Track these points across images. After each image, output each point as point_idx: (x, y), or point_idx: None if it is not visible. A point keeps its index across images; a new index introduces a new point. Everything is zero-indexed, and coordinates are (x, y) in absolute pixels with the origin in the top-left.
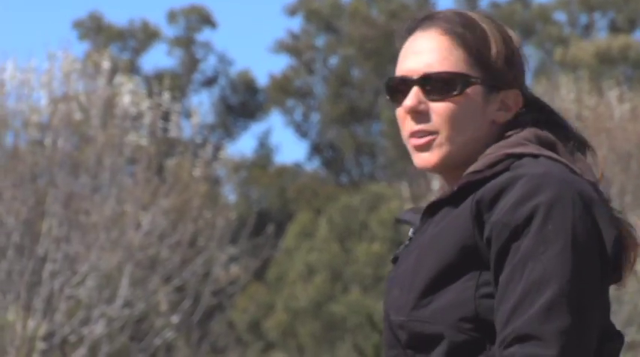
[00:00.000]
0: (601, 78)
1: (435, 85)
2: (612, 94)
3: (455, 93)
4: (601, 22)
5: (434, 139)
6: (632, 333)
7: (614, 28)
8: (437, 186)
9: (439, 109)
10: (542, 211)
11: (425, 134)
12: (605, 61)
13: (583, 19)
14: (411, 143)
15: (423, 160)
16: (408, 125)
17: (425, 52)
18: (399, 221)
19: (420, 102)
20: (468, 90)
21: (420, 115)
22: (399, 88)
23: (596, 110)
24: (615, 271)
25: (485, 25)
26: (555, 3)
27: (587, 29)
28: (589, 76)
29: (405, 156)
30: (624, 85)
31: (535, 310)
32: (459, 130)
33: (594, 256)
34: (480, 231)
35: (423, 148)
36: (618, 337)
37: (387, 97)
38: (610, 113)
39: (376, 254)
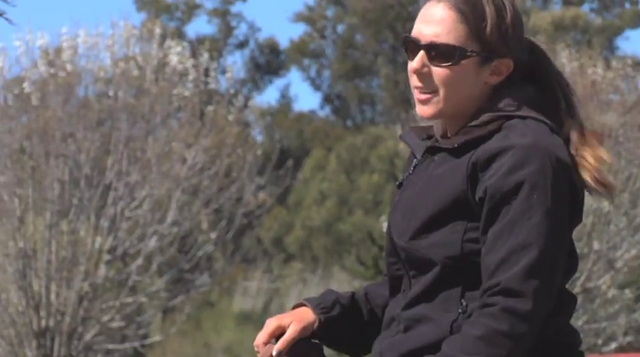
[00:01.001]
0: (556, 42)
1: (438, 53)
2: (564, 55)
3: (452, 62)
4: None
5: (433, 97)
6: None
7: (566, 2)
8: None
9: (439, 73)
10: (529, 182)
11: (425, 91)
12: (559, 28)
13: None
14: (415, 96)
15: (422, 110)
16: (413, 80)
17: (434, 23)
18: (401, 138)
19: (423, 65)
20: (464, 61)
21: (423, 75)
22: (410, 46)
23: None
24: (580, 218)
25: (487, 5)
26: None
27: (545, 2)
28: (546, 40)
29: (399, 104)
30: (573, 48)
31: (518, 269)
32: (453, 91)
33: (566, 218)
34: (472, 188)
35: (424, 102)
36: (575, 267)
37: (404, 50)
38: (562, 69)
39: (375, 183)
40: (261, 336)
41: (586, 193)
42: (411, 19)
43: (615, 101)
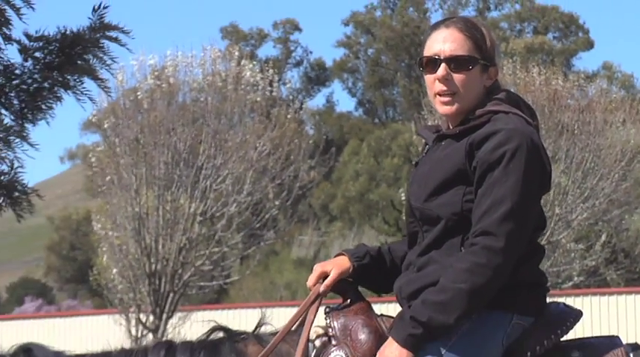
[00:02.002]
0: (528, 61)
1: (457, 63)
2: (535, 71)
3: (469, 68)
4: (528, 28)
5: (454, 97)
6: None
7: (535, 32)
8: (435, 121)
9: (459, 78)
10: (508, 155)
11: (448, 93)
12: (530, 51)
13: (517, 26)
14: (438, 99)
15: (446, 109)
16: (436, 87)
17: (449, 42)
18: (418, 133)
19: (447, 73)
20: (475, 68)
21: (446, 81)
22: (429, 62)
23: (524, 80)
24: (549, 188)
25: (482, 27)
26: (501, 16)
27: (520, 32)
28: (520, 60)
29: (412, 107)
30: (541, 66)
31: (495, 217)
32: (468, 91)
33: (536, 184)
34: (469, 161)
35: (447, 103)
36: (543, 225)
37: (420, 68)
38: (533, 81)
39: (396, 165)
40: (311, 278)
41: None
42: (422, 44)
43: (572, 104)
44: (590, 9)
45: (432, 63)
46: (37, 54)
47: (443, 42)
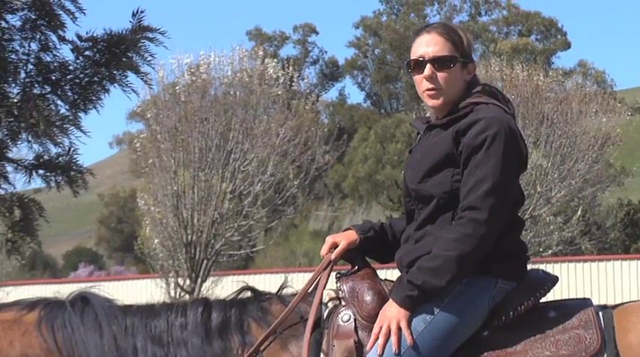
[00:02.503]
0: (513, 59)
1: (440, 63)
2: (519, 67)
3: (451, 67)
4: (514, 30)
5: (439, 93)
6: None
7: (520, 34)
8: (427, 114)
9: (442, 76)
10: (489, 140)
11: (434, 90)
12: (516, 51)
13: (504, 29)
14: (426, 94)
15: (433, 102)
16: (423, 85)
17: (431, 44)
18: (411, 124)
19: (432, 72)
20: (455, 66)
21: (431, 79)
22: (416, 64)
23: (510, 76)
24: (525, 168)
25: (459, 31)
26: (490, 21)
27: (507, 34)
28: (507, 59)
29: (414, 100)
30: (525, 63)
31: (479, 193)
32: (451, 87)
33: (514, 164)
34: (456, 147)
35: (434, 97)
36: (522, 201)
37: (409, 70)
38: (517, 77)
39: (399, 149)
40: (324, 248)
41: (532, 154)
42: (408, 50)
43: (551, 97)
44: (568, 14)
45: (419, 65)
46: (88, 52)
47: (427, 45)
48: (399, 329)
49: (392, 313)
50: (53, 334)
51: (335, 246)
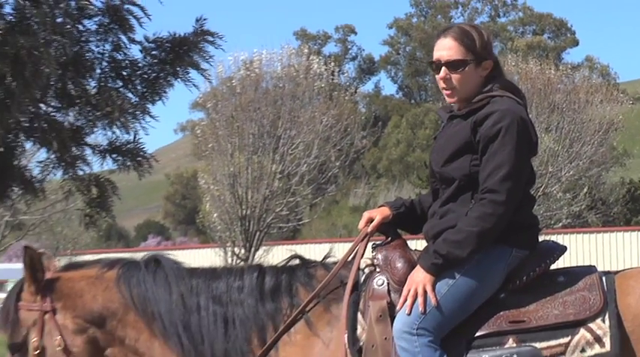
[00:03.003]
0: (528, 55)
1: (453, 66)
2: (533, 62)
3: (461, 69)
4: (529, 30)
5: (453, 92)
6: None
7: (534, 33)
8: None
9: (455, 77)
10: (503, 130)
11: (449, 89)
12: (530, 47)
13: (520, 29)
14: (444, 92)
15: (449, 100)
16: (441, 84)
17: (446, 49)
18: (437, 113)
19: (446, 74)
20: (467, 68)
21: (446, 80)
22: (435, 65)
23: (525, 69)
24: (536, 152)
25: (473, 32)
26: (508, 21)
27: (523, 33)
28: (522, 55)
29: (440, 91)
30: (538, 59)
31: (497, 178)
32: (464, 86)
33: (526, 150)
34: (474, 135)
35: (449, 96)
36: (533, 180)
37: (431, 69)
38: (531, 71)
39: (427, 135)
40: (361, 222)
41: (544, 138)
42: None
43: (561, 88)
44: (577, 15)
45: (436, 66)
46: (154, 52)
47: (442, 50)
48: (425, 292)
49: (419, 278)
50: (130, 290)
51: (371, 220)
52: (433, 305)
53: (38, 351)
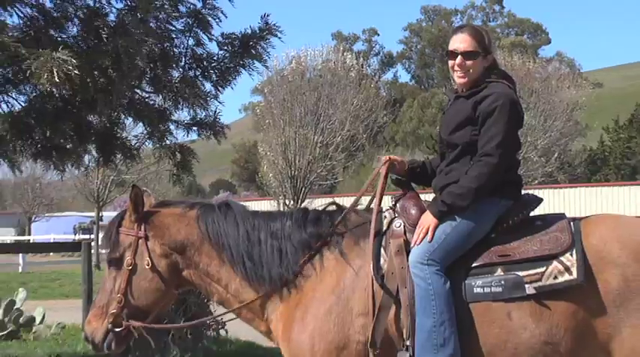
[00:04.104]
0: (512, 51)
1: (468, 55)
2: (516, 57)
3: (475, 58)
4: (512, 31)
5: (466, 75)
6: None
7: (516, 34)
8: (454, 87)
9: (469, 64)
10: (498, 108)
11: (463, 73)
12: (514, 45)
13: (506, 31)
14: (456, 75)
15: (461, 81)
16: (456, 68)
17: (463, 42)
18: (444, 93)
19: (462, 61)
20: (478, 58)
21: (462, 66)
22: (452, 54)
23: (510, 63)
24: (522, 125)
25: (482, 32)
26: (496, 25)
27: (507, 34)
28: (507, 51)
29: (446, 79)
30: (519, 54)
31: (492, 145)
32: (474, 72)
33: (515, 124)
34: (474, 112)
35: (462, 78)
36: (519, 147)
37: (446, 57)
38: (515, 64)
39: (434, 113)
40: (382, 159)
41: (525, 116)
42: (448, 39)
43: (538, 77)
44: (551, 18)
45: (453, 55)
46: (227, 47)
47: (460, 42)
48: (433, 231)
49: (426, 219)
50: (206, 226)
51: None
52: (440, 241)
53: (130, 267)
